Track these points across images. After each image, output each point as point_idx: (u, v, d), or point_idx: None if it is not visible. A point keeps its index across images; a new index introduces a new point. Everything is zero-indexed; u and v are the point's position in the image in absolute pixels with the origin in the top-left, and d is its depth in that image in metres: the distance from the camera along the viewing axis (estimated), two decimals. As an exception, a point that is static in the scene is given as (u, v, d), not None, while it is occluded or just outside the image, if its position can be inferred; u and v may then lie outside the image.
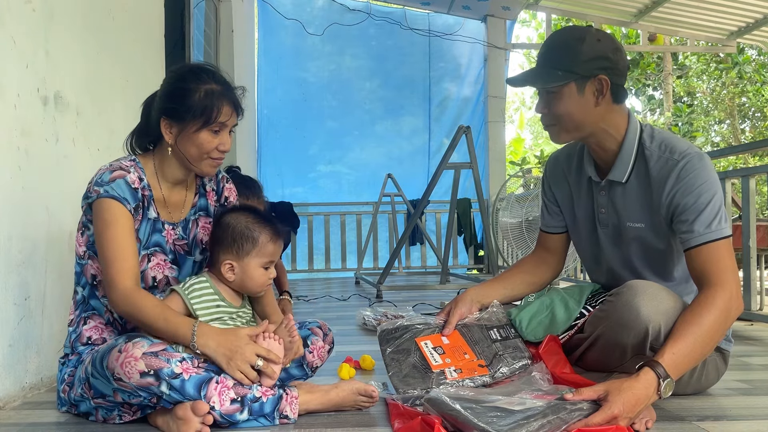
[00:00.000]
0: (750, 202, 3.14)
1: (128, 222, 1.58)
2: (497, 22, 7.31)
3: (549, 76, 1.64)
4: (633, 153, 1.69)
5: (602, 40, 1.63)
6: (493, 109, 7.32)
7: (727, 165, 12.17)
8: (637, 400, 1.36)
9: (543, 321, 1.81)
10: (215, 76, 1.64)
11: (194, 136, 1.60)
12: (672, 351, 1.43)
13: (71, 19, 2.19)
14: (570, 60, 1.62)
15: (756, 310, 3.20)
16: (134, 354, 1.39)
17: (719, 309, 1.49)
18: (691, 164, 1.60)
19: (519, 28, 17.01)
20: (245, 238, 1.63)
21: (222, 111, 1.60)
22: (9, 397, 1.77)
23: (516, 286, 1.94)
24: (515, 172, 8.27)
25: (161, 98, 1.65)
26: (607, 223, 1.78)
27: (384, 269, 4.76)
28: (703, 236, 1.56)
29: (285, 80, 7.35)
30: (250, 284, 1.65)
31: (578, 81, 1.62)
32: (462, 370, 1.64)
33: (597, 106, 1.65)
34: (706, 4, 6.46)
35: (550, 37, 1.72)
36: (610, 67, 1.63)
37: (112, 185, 1.57)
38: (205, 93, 1.59)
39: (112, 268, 1.54)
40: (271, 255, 1.65)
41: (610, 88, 1.63)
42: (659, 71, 13.05)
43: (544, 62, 1.68)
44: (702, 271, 1.56)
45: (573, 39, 1.64)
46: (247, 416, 1.45)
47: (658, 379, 1.39)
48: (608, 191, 1.76)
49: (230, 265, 1.63)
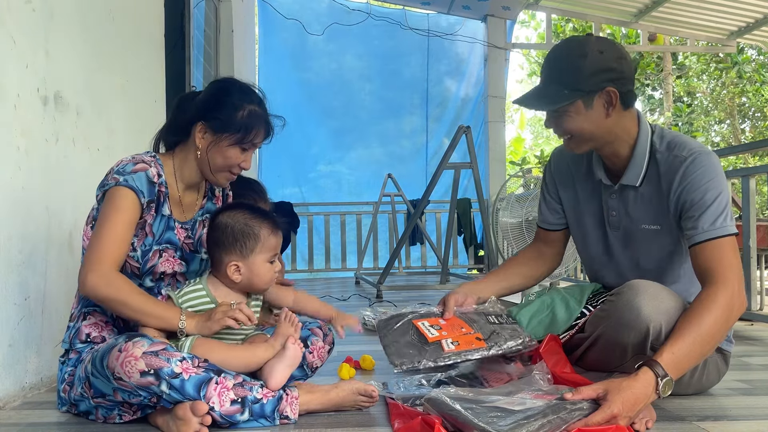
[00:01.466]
0: (750, 202, 3.14)
1: (135, 214, 1.59)
2: (497, 22, 7.31)
3: (555, 96, 1.61)
4: (646, 156, 1.68)
5: (605, 51, 1.60)
6: (493, 109, 7.32)
7: (727, 165, 12.16)
8: (636, 399, 1.36)
9: (543, 320, 1.80)
10: (260, 99, 1.69)
11: (225, 150, 1.64)
12: (671, 351, 1.43)
13: (71, 19, 2.19)
14: (574, 78, 1.59)
15: (756, 310, 3.20)
16: (134, 353, 1.39)
17: (721, 307, 1.47)
18: (698, 161, 1.60)
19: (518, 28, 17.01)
20: (247, 236, 1.61)
21: (258, 134, 1.67)
22: (9, 397, 1.77)
23: (512, 278, 1.94)
24: (515, 172, 8.27)
25: (203, 104, 1.67)
26: (618, 226, 1.77)
27: (384, 269, 4.76)
28: (708, 233, 1.55)
29: (285, 80, 7.35)
30: (257, 281, 1.63)
31: (585, 97, 1.60)
32: (459, 343, 1.62)
33: (608, 117, 1.63)
34: (706, 4, 6.46)
35: (551, 52, 1.68)
36: (617, 78, 1.60)
37: (133, 176, 1.59)
38: (249, 113, 1.64)
39: (103, 250, 1.53)
40: (274, 248, 1.64)
41: (619, 98, 1.61)
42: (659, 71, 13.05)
43: (549, 81, 1.65)
44: (705, 268, 1.55)
45: (575, 55, 1.60)
46: (248, 417, 1.45)
47: (656, 378, 1.39)
48: (620, 195, 1.74)
49: (236, 266, 1.60)
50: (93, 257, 1.53)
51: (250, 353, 1.56)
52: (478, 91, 7.54)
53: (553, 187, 1.94)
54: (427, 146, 7.60)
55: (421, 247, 7.32)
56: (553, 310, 1.81)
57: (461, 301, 1.79)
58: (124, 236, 1.57)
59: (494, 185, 7.05)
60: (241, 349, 1.57)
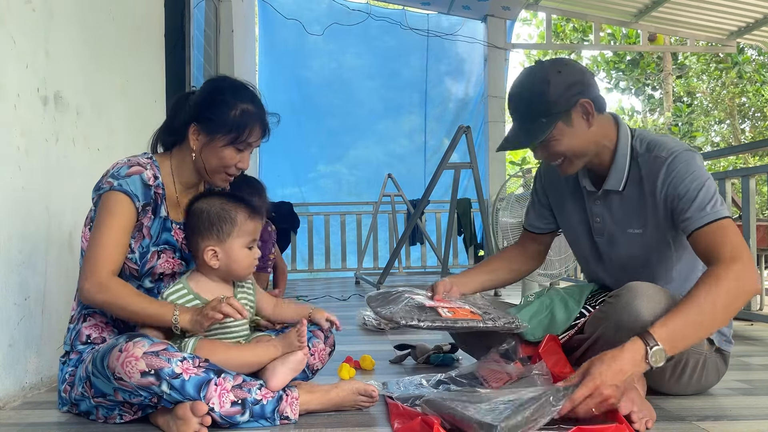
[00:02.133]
0: (750, 202, 3.14)
1: (130, 219, 1.59)
2: (497, 22, 7.31)
3: (536, 130, 1.63)
4: (627, 160, 1.70)
5: (561, 70, 1.63)
6: (493, 109, 7.32)
7: (727, 165, 12.17)
8: (621, 367, 1.36)
9: (543, 321, 1.81)
10: (254, 96, 1.67)
11: (219, 150, 1.63)
12: (664, 323, 1.42)
13: (71, 19, 2.19)
14: (546, 105, 1.61)
15: (756, 310, 3.20)
16: (135, 353, 1.39)
17: (724, 285, 1.45)
18: (678, 159, 1.62)
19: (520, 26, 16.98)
20: (223, 220, 1.59)
21: (253, 132, 1.64)
22: (9, 397, 1.77)
23: (498, 272, 1.97)
24: (515, 172, 8.28)
25: (196, 105, 1.66)
26: (602, 232, 1.79)
27: (384, 269, 4.76)
28: (700, 219, 1.56)
29: (285, 80, 7.35)
30: (236, 267, 1.62)
31: (563, 117, 1.62)
32: (454, 312, 1.65)
33: (590, 127, 1.66)
34: (706, 4, 6.46)
35: (513, 92, 1.70)
36: (584, 89, 1.64)
37: (127, 180, 1.58)
38: (242, 112, 1.62)
39: (98, 257, 1.54)
40: (252, 233, 1.63)
41: (594, 106, 1.64)
42: (659, 71, 13.06)
43: (523, 118, 1.67)
44: (707, 250, 1.55)
45: (537, 85, 1.63)
46: (248, 418, 1.45)
47: (645, 346, 1.38)
48: (604, 201, 1.76)
49: (213, 251, 1.59)
50: (89, 264, 1.55)
51: (251, 353, 1.56)
52: (477, 91, 7.54)
53: (544, 196, 1.97)
54: (426, 146, 7.60)
55: (421, 247, 7.32)
56: (552, 310, 1.82)
57: (448, 288, 1.82)
58: (119, 241, 1.57)
59: (494, 185, 7.04)
60: (243, 349, 1.57)
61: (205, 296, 1.60)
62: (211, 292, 1.60)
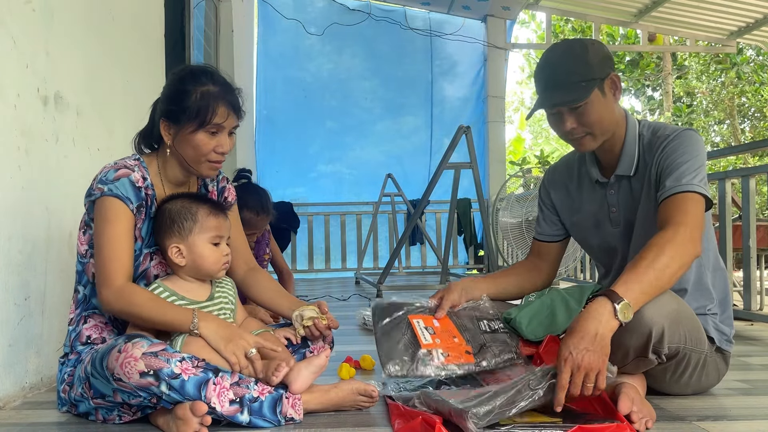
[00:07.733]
0: (750, 202, 3.14)
1: (129, 222, 1.59)
2: (497, 22, 7.32)
3: (575, 92, 1.63)
4: (635, 145, 1.73)
5: (594, 43, 1.69)
6: (493, 109, 7.32)
7: (727, 165, 12.15)
8: (586, 329, 1.37)
9: (543, 321, 1.80)
10: (213, 77, 1.64)
11: (190, 138, 1.62)
12: (624, 281, 1.45)
13: (71, 19, 2.19)
14: (585, 69, 1.64)
15: (756, 310, 3.20)
16: (134, 354, 1.39)
17: (673, 243, 1.48)
18: (676, 136, 1.66)
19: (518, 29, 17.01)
20: (183, 217, 1.61)
21: (217, 112, 1.61)
22: (9, 397, 1.77)
23: (506, 287, 1.95)
24: (515, 172, 8.27)
25: (161, 100, 1.68)
26: (618, 222, 1.80)
27: (384, 269, 4.76)
28: (672, 189, 1.58)
29: (285, 80, 7.35)
30: (203, 264, 1.63)
31: (600, 85, 1.65)
32: (449, 354, 1.63)
33: (616, 103, 1.70)
34: (706, 4, 6.46)
35: (548, 60, 1.70)
36: (612, 65, 1.69)
37: (116, 184, 1.58)
38: (201, 95, 1.60)
39: (109, 266, 1.54)
40: (215, 229, 1.64)
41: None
42: (659, 71, 13.06)
43: (559, 84, 1.66)
44: (663, 219, 1.57)
45: (577, 50, 1.66)
46: (248, 416, 1.45)
47: (612, 303, 1.40)
48: (617, 188, 1.78)
49: (177, 248, 1.61)
50: (102, 274, 1.55)
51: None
52: (478, 91, 7.54)
53: (548, 197, 1.98)
54: (426, 146, 7.59)
55: (421, 247, 7.32)
56: (553, 311, 1.81)
57: (456, 301, 1.79)
58: (124, 245, 1.58)
59: (494, 185, 7.05)
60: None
61: (183, 294, 1.62)
62: (188, 291, 1.63)
